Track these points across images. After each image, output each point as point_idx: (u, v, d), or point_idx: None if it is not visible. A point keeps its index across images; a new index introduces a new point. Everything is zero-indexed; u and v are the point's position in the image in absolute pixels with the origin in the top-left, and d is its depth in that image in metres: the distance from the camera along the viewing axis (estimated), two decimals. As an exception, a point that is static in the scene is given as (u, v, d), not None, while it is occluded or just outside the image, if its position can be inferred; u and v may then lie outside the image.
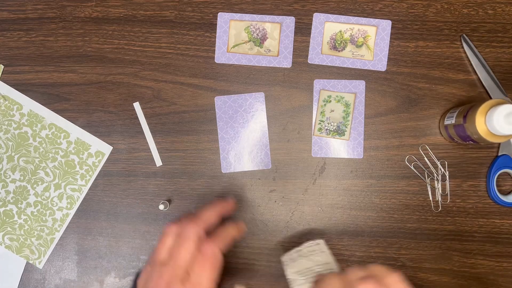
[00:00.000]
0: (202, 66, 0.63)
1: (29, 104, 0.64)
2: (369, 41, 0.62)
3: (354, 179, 0.62)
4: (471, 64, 0.61)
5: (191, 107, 0.63)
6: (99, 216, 0.63)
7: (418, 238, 0.62)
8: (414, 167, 0.62)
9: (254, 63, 0.63)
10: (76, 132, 0.64)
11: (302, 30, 0.63)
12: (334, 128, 0.62)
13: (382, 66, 0.62)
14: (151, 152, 0.63)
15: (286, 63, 0.63)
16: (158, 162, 0.63)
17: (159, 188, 0.63)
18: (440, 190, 0.61)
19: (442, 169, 0.61)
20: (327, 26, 0.63)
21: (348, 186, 0.62)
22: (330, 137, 0.62)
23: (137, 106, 0.63)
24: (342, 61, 0.62)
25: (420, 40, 0.62)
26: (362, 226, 0.62)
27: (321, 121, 0.62)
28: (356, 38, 0.62)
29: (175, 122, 0.63)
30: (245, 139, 0.62)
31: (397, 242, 0.62)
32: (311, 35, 0.63)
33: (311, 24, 0.63)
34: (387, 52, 0.62)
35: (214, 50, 0.63)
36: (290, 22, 0.63)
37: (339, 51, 0.62)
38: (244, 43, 0.63)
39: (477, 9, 0.62)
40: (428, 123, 0.62)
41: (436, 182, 0.61)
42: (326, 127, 0.62)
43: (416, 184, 0.62)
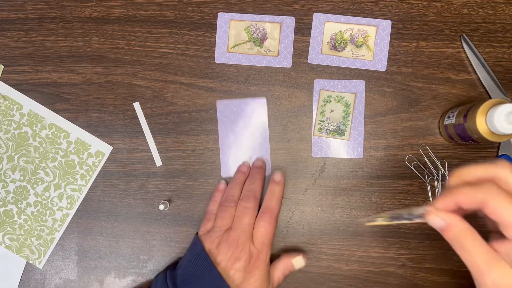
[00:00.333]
0: (202, 66, 0.63)
1: (29, 104, 0.64)
2: (369, 41, 0.62)
3: (354, 179, 0.62)
4: (471, 64, 0.61)
5: (191, 107, 0.63)
6: (99, 216, 0.63)
7: (418, 238, 0.61)
8: (414, 167, 0.62)
9: (254, 63, 0.63)
10: (76, 132, 0.64)
11: (302, 30, 0.63)
12: (334, 128, 0.62)
13: (382, 66, 0.62)
14: (151, 152, 0.63)
15: (286, 63, 0.63)
16: (158, 162, 0.63)
17: (159, 188, 0.63)
18: (440, 190, 0.61)
19: (442, 169, 0.61)
20: (327, 26, 0.63)
21: (348, 186, 0.62)
22: (330, 137, 0.62)
23: (137, 106, 0.63)
24: (342, 61, 0.62)
25: (420, 40, 0.62)
26: (362, 226, 0.62)
27: (321, 121, 0.62)
28: (356, 38, 0.62)
29: (175, 122, 0.63)
30: (246, 145, 0.62)
31: (397, 242, 0.62)
32: (311, 35, 0.63)
33: (311, 24, 0.63)
34: (387, 52, 0.62)
35: (214, 50, 0.63)
36: (290, 22, 0.63)
37: (339, 51, 0.62)
38: (244, 43, 0.63)
39: (477, 9, 0.62)
40: (428, 123, 0.62)
41: (436, 182, 0.61)
42: (326, 127, 0.62)
43: (416, 184, 0.62)
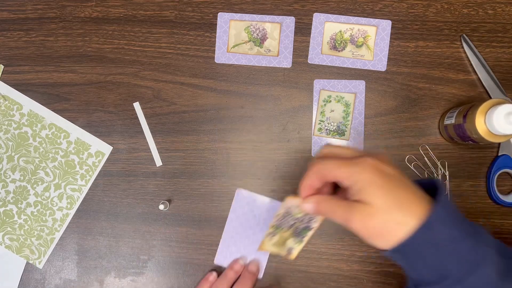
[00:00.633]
0: (202, 66, 0.63)
1: (29, 104, 0.64)
2: (369, 41, 0.62)
3: (354, 179, 0.62)
4: (471, 64, 0.61)
5: (191, 107, 0.63)
6: (99, 216, 0.63)
7: (418, 238, 0.61)
8: (414, 167, 0.62)
9: (254, 63, 0.63)
10: (76, 132, 0.64)
11: (302, 30, 0.63)
12: (334, 128, 0.62)
13: (382, 66, 0.62)
14: (151, 152, 0.63)
15: (286, 63, 0.63)
16: (158, 162, 0.63)
17: (159, 188, 0.63)
18: (440, 190, 0.61)
19: (442, 169, 0.61)
20: (327, 26, 0.63)
21: (348, 186, 0.62)
22: (330, 137, 0.62)
23: (137, 106, 0.63)
24: (342, 61, 0.62)
25: (420, 40, 0.62)
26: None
27: (321, 121, 0.62)
28: (356, 38, 0.62)
29: (175, 122, 0.63)
30: (249, 241, 0.61)
31: (397, 242, 0.61)
32: (311, 35, 0.63)
33: (311, 24, 0.63)
34: (387, 52, 0.62)
35: (214, 50, 0.63)
36: (290, 22, 0.63)
37: (339, 51, 0.62)
38: (244, 43, 0.63)
39: (477, 9, 0.62)
40: (428, 123, 0.62)
41: (436, 182, 0.61)
42: (326, 127, 0.62)
43: (416, 184, 0.62)
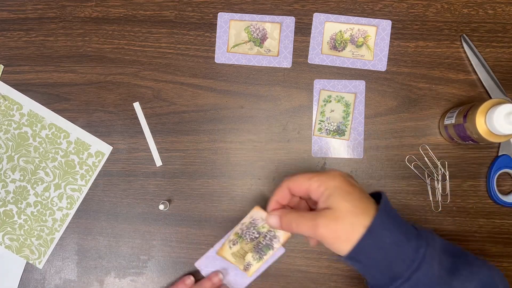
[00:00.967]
0: (202, 66, 0.63)
1: (29, 104, 0.64)
2: (369, 41, 0.62)
3: (354, 179, 0.62)
4: (471, 64, 0.61)
5: (191, 107, 0.63)
6: (99, 216, 0.63)
7: (418, 238, 0.61)
8: (414, 167, 0.62)
9: (254, 63, 0.63)
10: (76, 132, 0.64)
11: (302, 30, 0.63)
12: (334, 128, 0.62)
13: (382, 66, 0.62)
14: (151, 152, 0.63)
15: (286, 63, 0.63)
16: (158, 162, 0.63)
17: (159, 188, 0.63)
18: (440, 190, 0.61)
19: (442, 169, 0.61)
20: (327, 26, 0.63)
21: (348, 186, 0.62)
22: (330, 137, 0.62)
23: (137, 106, 0.63)
24: (342, 61, 0.62)
25: (420, 40, 0.62)
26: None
27: (321, 121, 0.62)
28: (356, 38, 0.62)
29: (175, 122, 0.63)
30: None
31: (397, 242, 0.62)
32: (311, 35, 0.63)
33: (311, 24, 0.63)
34: (387, 52, 0.62)
35: (214, 50, 0.63)
36: (290, 22, 0.63)
37: (339, 51, 0.62)
38: (244, 43, 0.63)
39: (477, 9, 0.62)
40: (428, 123, 0.62)
41: (436, 182, 0.61)
42: (326, 127, 0.62)
43: (416, 184, 0.62)
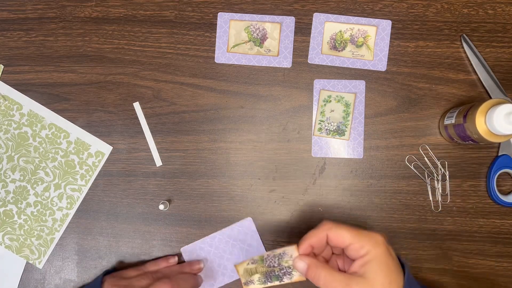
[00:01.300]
0: (202, 66, 0.63)
1: (29, 104, 0.64)
2: (369, 41, 0.62)
3: (354, 179, 0.62)
4: (471, 64, 0.61)
5: (191, 107, 0.63)
6: (99, 216, 0.63)
7: (418, 238, 0.61)
8: (414, 167, 0.62)
9: (254, 63, 0.63)
10: (76, 132, 0.64)
11: (302, 30, 0.63)
12: (334, 128, 0.62)
13: (382, 66, 0.62)
14: (151, 152, 0.63)
15: (286, 63, 0.63)
16: (158, 162, 0.63)
17: (159, 188, 0.63)
18: (440, 190, 0.61)
19: (442, 169, 0.61)
20: (327, 26, 0.63)
21: (348, 186, 0.62)
22: (330, 137, 0.62)
23: (137, 106, 0.63)
24: (342, 61, 0.62)
25: (420, 40, 0.62)
26: (362, 226, 0.62)
27: (321, 121, 0.62)
28: (356, 38, 0.62)
29: (175, 122, 0.63)
30: (222, 260, 0.62)
31: (397, 242, 0.62)
32: (311, 35, 0.63)
33: (311, 24, 0.63)
34: (387, 52, 0.62)
35: (214, 50, 0.63)
36: (290, 22, 0.63)
37: (339, 51, 0.62)
38: (244, 43, 0.63)
39: (477, 9, 0.62)
40: (428, 123, 0.62)
41: (436, 182, 0.61)
42: (326, 127, 0.62)
43: (416, 184, 0.62)
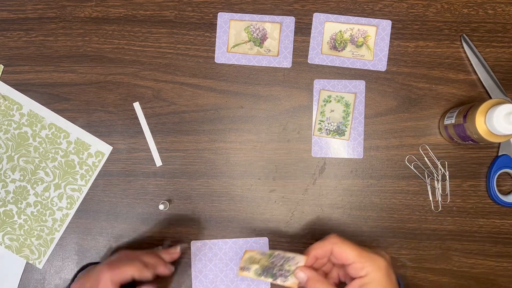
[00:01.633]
0: (202, 66, 0.63)
1: (29, 104, 0.64)
2: (369, 41, 0.62)
3: (354, 179, 0.62)
4: (471, 64, 0.61)
5: (191, 107, 0.63)
6: (99, 216, 0.63)
7: (418, 238, 0.62)
8: (414, 167, 0.62)
9: (254, 63, 0.63)
10: (76, 132, 0.64)
11: (302, 30, 0.63)
12: (334, 128, 0.62)
13: (382, 66, 0.62)
14: (151, 152, 0.63)
15: (286, 63, 0.63)
16: (158, 162, 0.63)
17: (159, 188, 0.63)
18: (440, 190, 0.61)
19: (442, 169, 0.61)
20: (327, 26, 0.63)
21: (348, 186, 0.62)
22: (330, 137, 0.62)
23: (137, 106, 0.63)
24: (342, 61, 0.62)
25: (420, 40, 0.62)
26: (362, 226, 0.62)
27: (321, 121, 0.62)
28: (356, 38, 0.62)
29: (175, 122, 0.63)
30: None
31: (397, 242, 0.62)
32: (311, 35, 0.63)
33: (311, 24, 0.63)
34: (387, 52, 0.62)
35: (214, 50, 0.63)
36: (290, 22, 0.63)
37: (339, 51, 0.62)
38: (244, 43, 0.63)
39: (477, 9, 0.62)
40: (428, 123, 0.62)
41: (436, 182, 0.61)
42: (326, 127, 0.62)
43: (416, 184, 0.62)
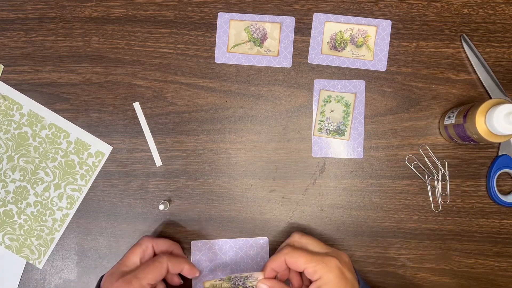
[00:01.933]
0: (202, 66, 0.63)
1: (29, 104, 0.64)
2: (369, 41, 0.62)
3: (354, 179, 0.62)
4: (471, 64, 0.61)
5: (191, 107, 0.63)
6: (99, 216, 0.63)
7: (418, 238, 0.62)
8: (414, 167, 0.62)
9: (254, 63, 0.63)
10: (76, 132, 0.64)
11: (302, 30, 0.63)
12: (334, 128, 0.62)
13: (382, 66, 0.62)
14: (151, 152, 0.63)
15: (286, 63, 0.63)
16: (158, 162, 0.63)
17: (159, 188, 0.63)
18: (440, 190, 0.61)
19: (442, 169, 0.61)
20: (327, 26, 0.63)
21: (348, 186, 0.62)
22: (330, 137, 0.62)
23: (137, 106, 0.63)
24: (342, 61, 0.62)
25: (420, 40, 0.62)
26: (362, 226, 0.62)
27: (321, 121, 0.62)
28: (356, 38, 0.62)
29: (175, 122, 0.63)
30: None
31: (397, 242, 0.62)
32: (311, 35, 0.63)
33: (311, 24, 0.63)
34: (387, 52, 0.62)
35: (214, 50, 0.63)
36: (290, 22, 0.63)
37: (339, 51, 0.62)
38: (244, 43, 0.63)
39: (477, 9, 0.62)
40: (428, 123, 0.62)
41: (436, 182, 0.61)
42: (326, 127, 0.62)
43: (416, 184, 0.62)
